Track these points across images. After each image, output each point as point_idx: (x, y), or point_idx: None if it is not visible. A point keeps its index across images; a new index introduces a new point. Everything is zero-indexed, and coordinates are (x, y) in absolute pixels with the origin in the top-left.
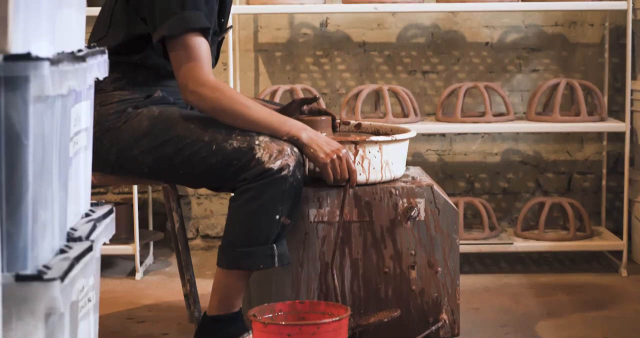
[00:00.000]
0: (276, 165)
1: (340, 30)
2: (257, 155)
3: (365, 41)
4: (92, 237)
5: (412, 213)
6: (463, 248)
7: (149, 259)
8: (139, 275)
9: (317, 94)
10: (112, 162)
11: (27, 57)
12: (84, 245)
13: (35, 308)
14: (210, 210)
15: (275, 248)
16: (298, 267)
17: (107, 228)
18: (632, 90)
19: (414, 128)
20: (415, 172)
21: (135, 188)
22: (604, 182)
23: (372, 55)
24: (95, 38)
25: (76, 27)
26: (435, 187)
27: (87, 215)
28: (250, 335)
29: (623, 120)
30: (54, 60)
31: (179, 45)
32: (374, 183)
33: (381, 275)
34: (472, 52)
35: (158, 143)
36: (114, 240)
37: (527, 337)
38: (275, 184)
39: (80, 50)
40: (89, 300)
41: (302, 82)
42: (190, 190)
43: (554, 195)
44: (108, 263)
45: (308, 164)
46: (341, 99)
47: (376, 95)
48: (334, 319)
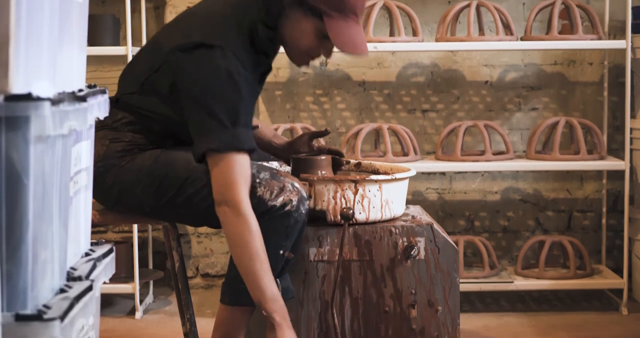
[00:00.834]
0: (278, 202)
1: (340, 69)
2: (259, 194)
3: (365, 80)
4: (92, 277)
5: (412, 252)
6: (463, 287)
7: (149, 298)
8: (138, 314)
9: (328, 129)
10: (114, 200)
11: (28, 98)
12: (84, 284)
13: None
14: (210, 248)
15: (279, 282)
16: (298, 306)
17: (107, 267)
18: (632, 129)
19: (414, 167)
20: (415, 210)
21: (135, 227)
22: (604, 220)
23: (372, 94)
24: (126, 90)
25: (77, 67)
26: (435, 226)
27: (87, 254)
28: None
29: (622, 158)
30: (55, 100)
31: (222, 161)
32: (374, 222)
33: (381, 314)
34: (472, 91)
35: (159, 182)
36: (114, 279)
37: None
38: (279, 220)
39: (81, 90)
40: None
41: (302, 121)
42: (190, 229)
43: (554, 233)
44: (108, 302)
45: (308, 203)
46: (341, 138)
47: (376, 134)
48: None
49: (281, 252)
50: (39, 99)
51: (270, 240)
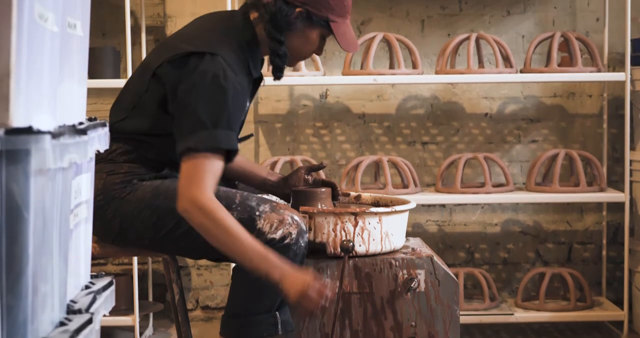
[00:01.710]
0: (278, 234)
1: (340, 101)
2: (258, 226)
3: (365, 112)
4: (92, 310)
5: (412, 285)
6: (464, 319)
7: (149, 330)
8: None
9: (323, 162)
10: (115, 232)
11: (29, 131)
12: (84, 317)
13: None
14: (210, 281)
15: (279, 315)
16: None
17: (107, 300)
18: (631, 161)
19: (414, 199)
20: (415, 243)
21: (135, 259)
22: (604, 252)
23: (372, 127)
24: (117, 117)
25: (77, 100)
26: (435, 258)
27: (87, 287)
28: None
29: (622, 190)
30: (55, 134)
31: (195, 159)
32: (374, 255)
33: None
34: (472, 123)
35: (159, 214)
36: (114, 311)
37: None
38: (279, 253)
39: (81, 123)
40: None
41: (302, 153)
42: (190, 261)
43: (554, 265)
44: (107, 335)
45: (307, 235)
46: (341, 170)
47: (376, 166)
48: None
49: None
50: (39, 132)
51: None
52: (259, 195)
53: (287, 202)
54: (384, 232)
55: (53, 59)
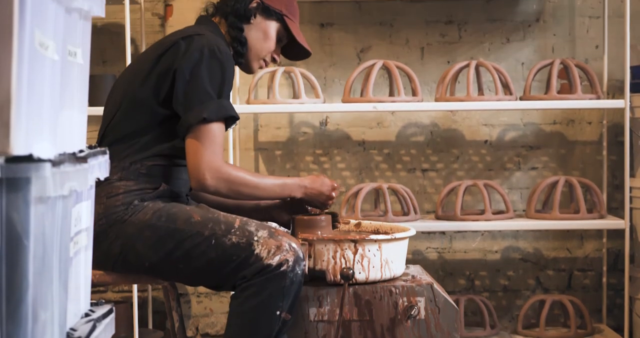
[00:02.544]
0: (275, 261)
1: (340, 128)
2: (256, 251)
3: (365, 140)
4: None
5: (413, 312)
6: None
7: None
8: None
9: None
10: (116, 255)
11: (29, 159)
12: None
13: None
14: (210, 308)
15: None
16: None
17: (107, 328)
18: (631, 188)
19: (414, 226)
20: (415, 270)
21: (135, 286)
22: (604, 279)
23: (372, 154)
24: (105, 121)
25: (78, 127)
26: (436, 286)
27: (87, 314)
28: None
29: (622, 217)
30: (56, 162)
31: (208, 129)
32: (374, 282)
33: None
34: (471, 150)
35: (159, 236)
36: None
37: None
38: (275, 280)
39: (81, 151)
40: None
41: None
42: (190, 289)
43: (554, 292)
44: None
45: (308, 263)
46: (341, 197)
47: (376, 194)
48: None
49: (278, 312)
50: (39, 160)
51: (267, 300)
52: (258, 221)
53: (287, 228)
54: (383, 260)
55: (53, 87)
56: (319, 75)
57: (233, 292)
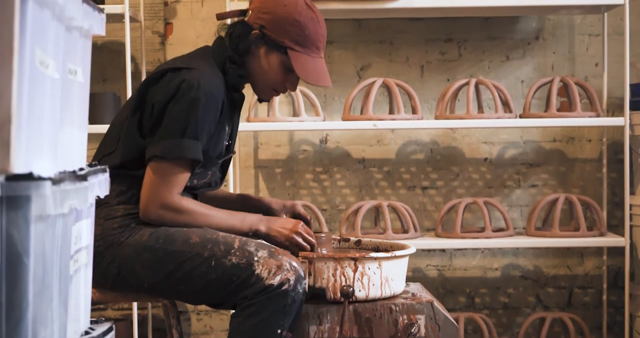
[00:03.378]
0: (276, 280)
1: (340, 146)
2: (257, 272)
3: (365, 157)
4: None
5: (413, 330)
6: None
7: None
8: None
9: (315, 212)
10: (114, 276)
11: (29, 177)
12: None
13: None
14: (210, 326)
15: None
16: None
17: None
18: (631, 205)
19: (414, 244)
20: (415, 288)
21: (135, 304)
22: (604, 297)
23: (372, 171)
24: (105, 152)
25: (78, 146)
26: (436, 303)
27: (87, 332)
28: None
29: (622, 235)
30: (56, 180)
31: (161, 167)
32: (374, 300)
33: None
34: (471, 168)
35: (158, 258)
36: None
37: None
38: (276, 299)
39: (81, 169)
40: None
41: (302, 198)
42: (190, 307)
43: (554, 310)
44: None
45: (307, 280)
46: (341, 215)
47: (376, 211)
48: None
49: (279, 331)
50: (40, 178)
51: (268, 319)
52: (258, 240)
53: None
54: (383, 277)
55: (54, 105)
56: (319, 93)
57: (233, 311)
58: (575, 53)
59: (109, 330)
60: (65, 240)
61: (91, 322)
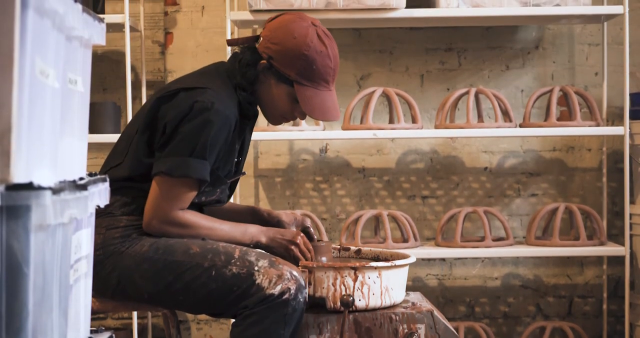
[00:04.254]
0: (277, 290)
1: (340, 156)
2: (257, 281)
3: (365, 167)
4: None
5: None
6: None
7: None
8: None
9: (316, 222)
10: (113, 286)
11: (29, 187)
12: None
13: None
14: (210, 335)
15: None
16: None
17: None
18: (631, 214)
19: (414, 253)
20: (415, 297)
21: (134, 313)
22: (604, 306)
23: (372, 181)
24: (112, 163)
25: (78, 155)
26: (436, 313)
27: None
28: None
29: (622, 244)
30: (56, 189)
31: (167, 184)
32: (374, 309)
33: None
34: (471, 177)
35: (158, 268)
36: None
37: None
38: (277, 309)
39: (81, 178)
40: None
41: (302, 208)
42: (190, 316)
43: (554, 319)
44: None
45: (307, 290)
46: (341, 224)
47: (376, 221)
48: None
49: None
50: (40, 188)
51: (269, 328)
52: (258, 250)
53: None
54: (384, 287)
55: (54, 115)
56: None
57: (234, 320)
58: (575, 62)
59: None
60: (65, 249)
61: (91, 332)
